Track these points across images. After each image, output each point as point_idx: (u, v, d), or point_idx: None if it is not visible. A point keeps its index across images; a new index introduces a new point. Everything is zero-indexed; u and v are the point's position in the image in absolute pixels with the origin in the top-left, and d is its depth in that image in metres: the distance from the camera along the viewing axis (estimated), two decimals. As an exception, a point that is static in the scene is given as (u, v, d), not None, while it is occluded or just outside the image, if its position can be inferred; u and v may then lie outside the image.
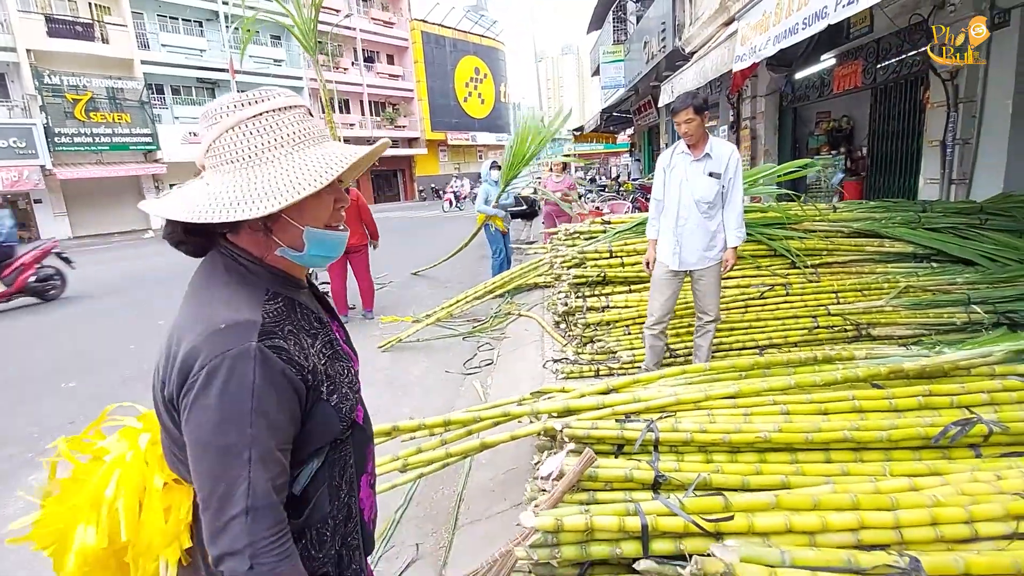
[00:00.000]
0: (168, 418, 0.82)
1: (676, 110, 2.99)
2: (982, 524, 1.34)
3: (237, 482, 0.75)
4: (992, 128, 4.84)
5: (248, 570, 0.75)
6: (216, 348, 0.76)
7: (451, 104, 38.29)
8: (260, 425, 0.76)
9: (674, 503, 1.38)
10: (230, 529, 0.75)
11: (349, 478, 0.95)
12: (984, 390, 1.91)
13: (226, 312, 0.80)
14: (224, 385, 0.75)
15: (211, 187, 0.82)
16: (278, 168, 0.82)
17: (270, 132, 0.83)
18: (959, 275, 3.56)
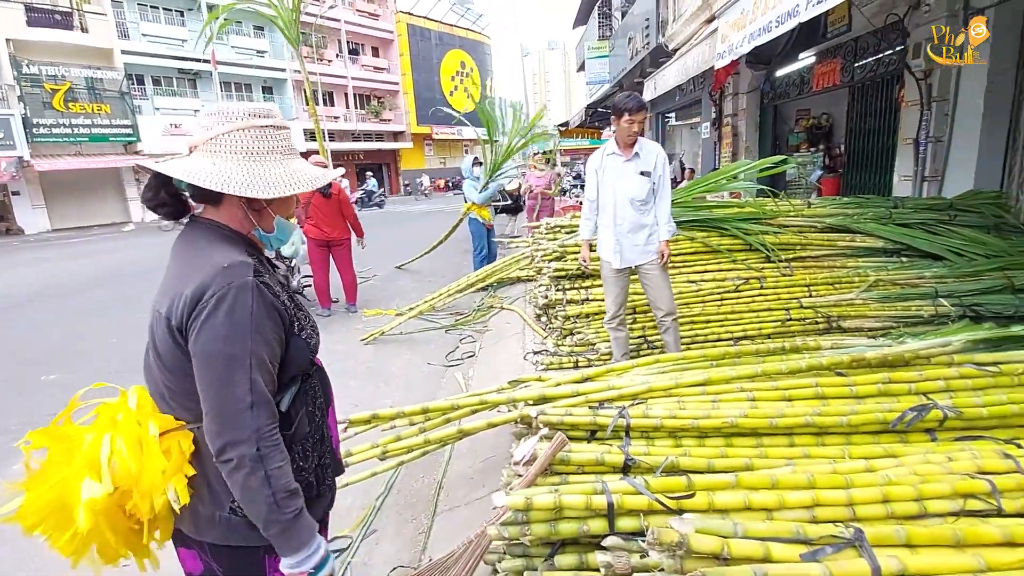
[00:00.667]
0: (172, 346, 0.99)
1: (635, 110, 3.03)
2: (931, 502, 1.41)
3: (242, 383, 0.96)
4: (964, 126, 4.97)
5: (255, 452, 0.95)
6: (223, 281, 0.96)
7: (437, 97, 38.07)
8: (257, 340, 0.98)
9: (640, 483, 1.43)
10: (239, 419, 0.95)
11: (320, 406, 1.18)
12: (941, 377, 1.99)
13: (226, 257, 1.00)
14: (230, 308, 0.95)
15: (218, 167, 1.01)
16: (278, 168, 1.07)
17: (271, 140, 1.07)
18: (927, 269, 3.67)
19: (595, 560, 1.40)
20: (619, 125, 3.08)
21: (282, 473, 0.98)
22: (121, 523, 1.03)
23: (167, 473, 0.99)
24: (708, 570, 1.01)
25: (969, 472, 1.50)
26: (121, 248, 14.03)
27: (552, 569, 1.54)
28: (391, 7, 34.96)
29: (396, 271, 8.30)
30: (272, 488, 0.96)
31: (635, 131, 3.07)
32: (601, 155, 3.25)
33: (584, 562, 1.52)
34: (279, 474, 0.98)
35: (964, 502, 1.41)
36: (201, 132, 1.04)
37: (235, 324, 0.95)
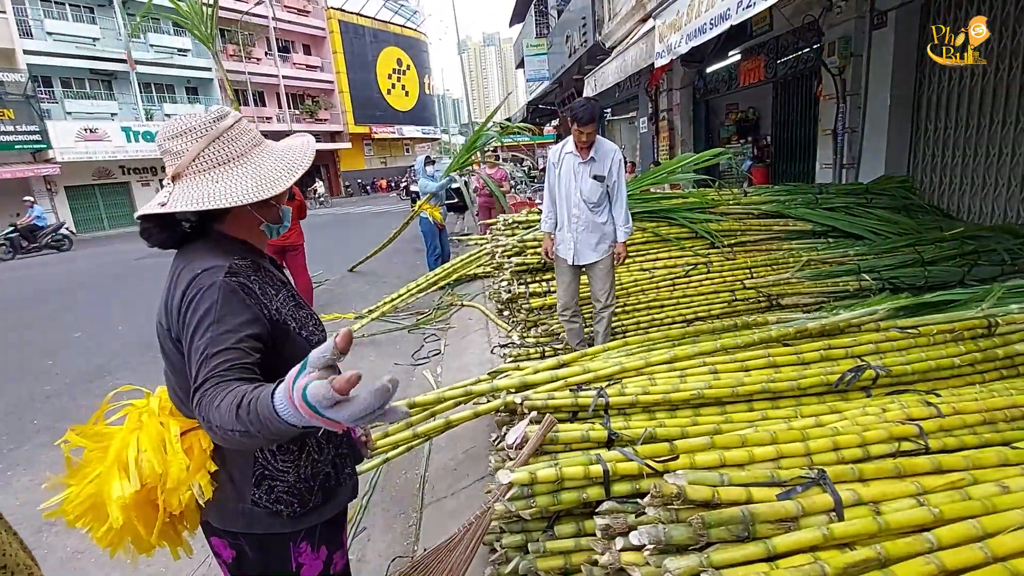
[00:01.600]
0: (174, 351, 1.04)
1: (584, 120, 3.05)
2: (872, 446, 1.63)
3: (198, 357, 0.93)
4: (874, 118, 5.50)
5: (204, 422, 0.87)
6: (196, 284, 0.99)
7: (374, 96, 37.31)
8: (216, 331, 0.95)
9: (629, 451, 1.58)
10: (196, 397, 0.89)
11: None
12: (871, 341, 2.28)
13: (203, 263, 1.03)
14: (196, 305, 0.98)
15: (224, 180, 1.04)
16: (268, 160, 1.09)
17: (244, 136, 1.09)
18: (851, 248, 4.07)
19: (593, 525, 1.54)
20: (573, 132, 3.16)
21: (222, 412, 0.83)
22: (152, 517, 1.08)
23: (191, 470, 1.04)
24: (705, 514, 1.17)
25: (900, 419, 1.76)
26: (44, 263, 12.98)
27: (552, 539, 1.67)
28: (321, 3, 33.91)
29: (349, 274, 8.19)
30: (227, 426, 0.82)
31: (584, 141, 3.13)
32: (560, 151, 3.31)
33: (582, 528, 1.66)
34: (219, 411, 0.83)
35: (899, 444, 1.65)
36: (176, 157, 1.04)
37: (200, 318, 0.96)
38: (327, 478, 1.18)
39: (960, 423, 1.75)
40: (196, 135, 1.04)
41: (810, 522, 1.21)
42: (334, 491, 1.21)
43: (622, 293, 3.84)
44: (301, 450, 1.13)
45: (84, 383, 4.50)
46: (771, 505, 1.21)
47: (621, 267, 4.04)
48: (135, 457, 1.03)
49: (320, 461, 1.17)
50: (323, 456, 1.18)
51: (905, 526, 1.17)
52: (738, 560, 1.12)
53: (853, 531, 1.16)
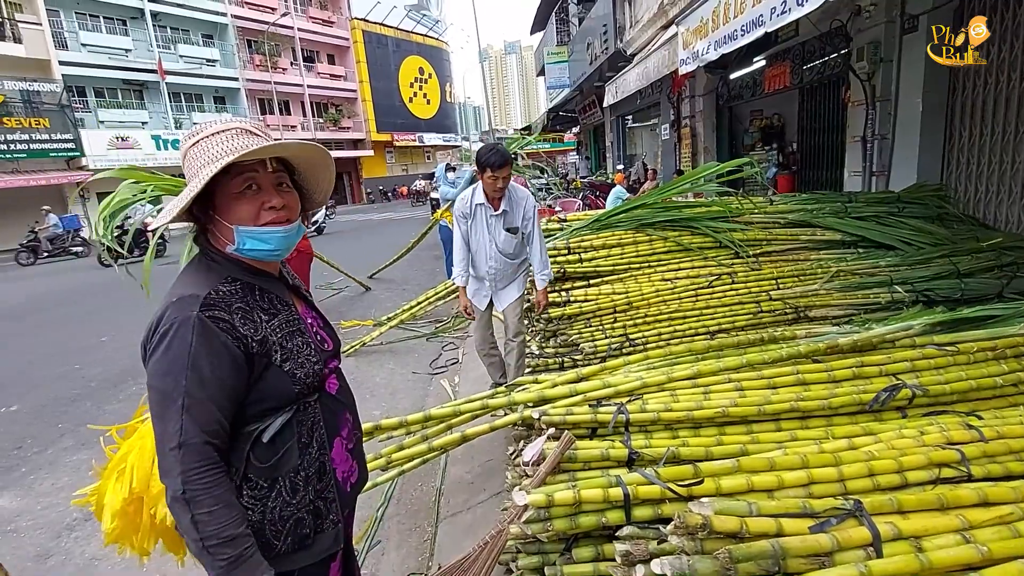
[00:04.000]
0: None
1: (497, 164, 2.87)
2: (910, 472, 1.54)
3: (172, 422, 0.93)
4: (905, 124, 5.33)
5: (181, 494, 0.92)
6: (170, 315, 0.95)
7: (396, 105, 37.80)
8: (192, 380, 0.93)
9: (651, 473, 1.52)
10: (168, 459, 0.93)
11: (320, 438, 1.11)
12: (907, 359, 2.17)
13: (182, 289, 0.99)
14: (168, 344, 0.94)
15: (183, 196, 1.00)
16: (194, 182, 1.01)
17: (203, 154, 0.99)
18: (882, 259, 3.92)
19: (612, 550, 1.48)
20: (483, 179, 2.95)
21: (211, 519, 0.92)
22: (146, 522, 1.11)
23: None
24: (733, 548, 1.10)
25: (940, 444, 1.66)
26: (75, 268, 13.37)
27: (570, 563, 1.61)
28: (345, 14, 34.55)
29: (369, 280, 8.24)
30: (200, 534, 0.92)
31: (499, 187, 2.94)
32: (470, 202, 3.11)
33: (600, 553, 1.60)
34: (207, 520, 0.92)
35: (939, 471, 1.56)
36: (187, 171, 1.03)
37: (171, 361, 0.93)
38: (299, 523, 1.06)
39: (1005, 448, 1.64)
40: (183, 149, 1.03)
41: (846, 557, 1.13)
42: (309, 539, 1.08)
43: (642, 304, 3.76)
44: (271, 488, 1.03)
45: (109, 387, 4.58)
46: (803, 539, 1.14)
47: (643, 277, 3.97)
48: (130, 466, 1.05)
49: (292, 504, 1.05)
50: (297, 499, 1.06)
51: (950, 565, 1.09)
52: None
53: (893, 569, 1.08)
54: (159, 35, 24.42)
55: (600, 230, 4.33)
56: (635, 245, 4.17)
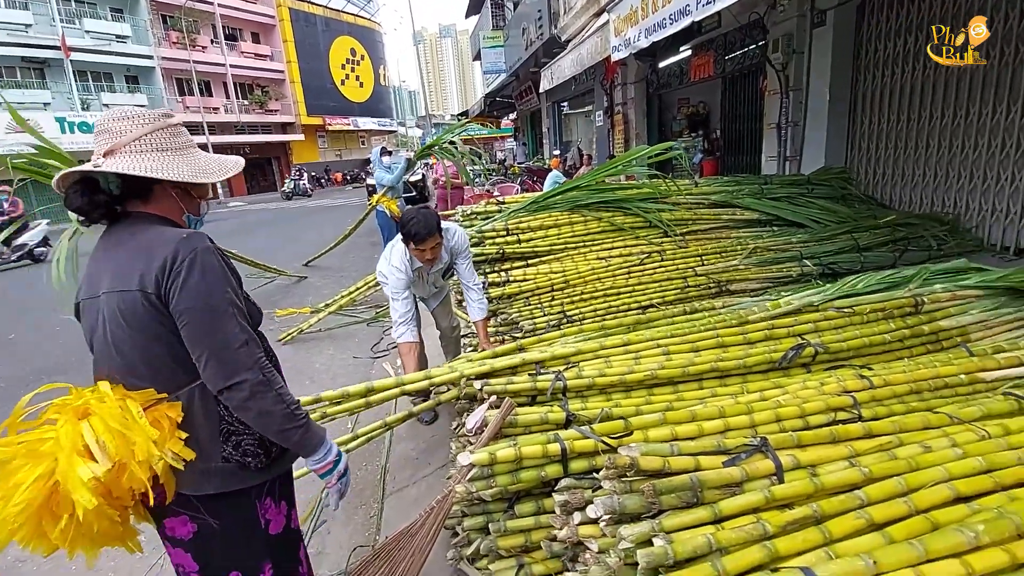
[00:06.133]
0: (150, 316, 1.09)
1: (423, 236, 2.55)
2: (811, 417, 1.74)
3: (232, 326, 1.11)
4: (815, 112, 5.77)
5: (262, 377, 1.12)
6: (188, 247, 1.09)
7: (327, 87, 36.30)
8: (231, 291, 1.14)
9: (586, 429, 1.63)
10: (240, 356, 1.10)
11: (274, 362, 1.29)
12: (811, 321, 2.41)
13: (175, 232, 1.14)
14: (202, 268, 1.09)
15: (160, 162, 1.15)
16: (200, 158, 1.23)
17: (182, 136, 1.22)
18: (793, 236, 4.27)
19: (552, 504, 1.59)
20: (409, 250, 2.68)
21: (285, 391, 1.16)
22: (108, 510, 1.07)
23: (160, 441, 1.07)
24: (656, 482, 1.22)
25: (837, 392, 1.87)
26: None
27: (513, 518, 1.70)
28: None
29: (304, 268, 7.98)
30: (285, 401, 1.15)
31: (428, 257, 2.67)
32: (407, 267, 2.74)
33: (541, 507, 1.70)
34: (285, 391, 1.16)
35: (835, 414, 1.76)
36: (116, 136, 1.13)
37: (210, 280, 1.09)
38: None
39: (890, 393, 1.88)
40: (141, 121, 1.15)
41: (753, 486, 1.28)
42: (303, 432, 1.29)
43: (578, 282, 3.91)
44: None
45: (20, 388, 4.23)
46: (718, 472, 1.28)
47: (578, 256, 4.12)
48: (96, 440, 1.02)
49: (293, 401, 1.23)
50: None
51: (839, 486, 1.26)
52: (687, 524, 1.18)
53: (792, 492, 1.23)
54: (62, 8, 22.14)
55: (537, 212, 4.44)
56: (571, 226, 4.31)
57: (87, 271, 1.18)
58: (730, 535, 1.11)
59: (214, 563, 1.23)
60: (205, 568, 1.23)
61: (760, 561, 1.06)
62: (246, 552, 1.24)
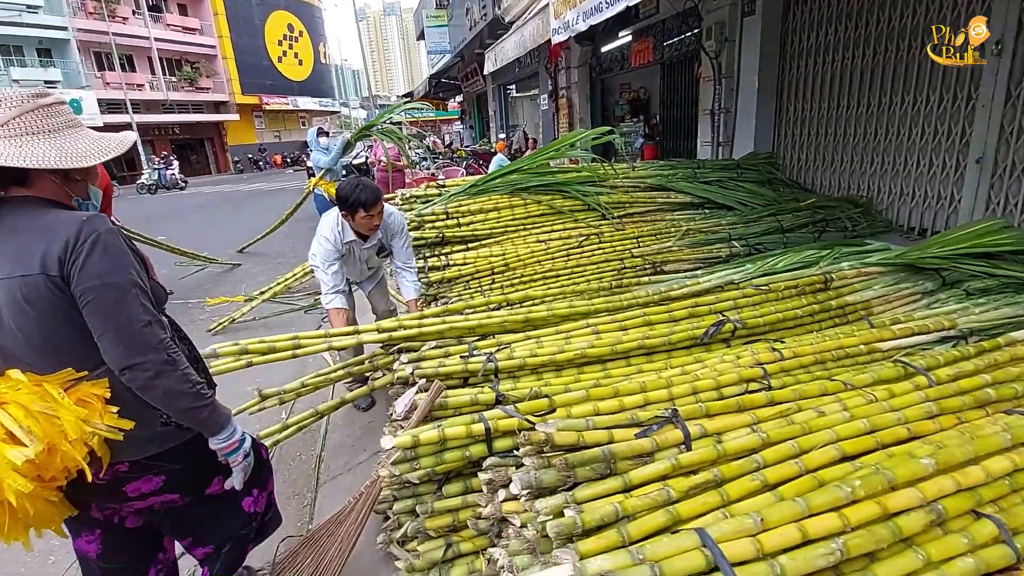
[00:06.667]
0: (53, 297, 1.09)
1: (373, 202, 2.62)
2: (725, 388, 1.83)
3: (135, 305, 1.13)
4: (745, 99, 5.99)
5: (164, 359, 1.15)
6: (89, 228, 1.10)
7: (264, 64, 34.50)
8: (135, 271, 1.16)
9: (510, 408, 1.66)
10: (143, 335, 1.13)
11: (186, 343, 1.39)
12: (731, 299, 2.53)
13: (77, 214, 1.15)
14: (105, 246, 1.10)
15: (25, 148, 1.10)
16: (80, 140, 1.18)
17: (61, 115, 1.18)
18: (723, 218, 4.45)
19: (480, 483, 1.61)
20: (356, 220, 2.68)
21: (189, 371, 1.21)
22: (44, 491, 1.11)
23: (90, 417, 1.10)
24: (569, 456, 1.26)
25: (750, 364, 1.98)
26: None
27: (441, 499, 1.72)
28: (196, -43, 30.56)
29: (238, 255, 7.64)
30: (191, 381, 1.20)
31: (376, 224, 2.72)
32: (339, 241, 2.76)
33: (469, 487, 1.72)
34: (190, 371, 1.21)
35: (747, 385, 1.86)
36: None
37: (113, 259, 1.11)
38: None
39: (797, 364, 2.01)
40: (9, 104, 1.11)
41: (663, 455, 1.34)
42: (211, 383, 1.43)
43: (518, 265, 3.93)
44: None
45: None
46: (629, 444, 1.33)
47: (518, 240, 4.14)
48: (19, 426, 1.03)
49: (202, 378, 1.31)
50: (199, 374, 1.30)
51: (740, 451, 1.33)
52: (599, 494, 1.22)
53: (697, 459, 1.30)
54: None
55: (478, 195, 4.42)
56: (511, 209, 4.32)
57: None
58: (636, 502, 1.16)
59: (193, 484, 1.38)
60: (187, 491, 1.36)
61: (663, 525, 1.12)
62: (216, 463, 1.36)
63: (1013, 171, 3.83)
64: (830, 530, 1.05)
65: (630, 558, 0.99)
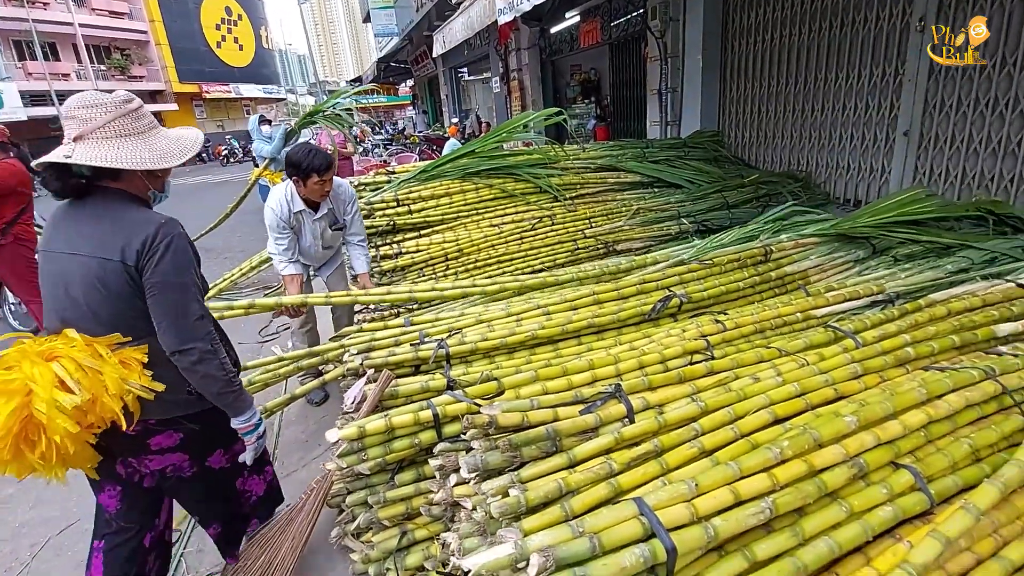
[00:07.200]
0: (123, 281, 1.30)
1: (326, 166, 2.63)
2: (670, 361, 1.89)
3: (193, 302, 1.37)
4: (690, 78, 6.08)
5: (208, 349, 1.38)
6: (167, 231, 1.32)
7: (201, 50, 32.73)
8: (196, 272, 1.40)
9: (459, 393, 1.65)
10: (196, 327, 1.36)
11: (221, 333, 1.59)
12: (677, 274, 2.59)
13: (155, 215, 1.37)
14: (176, 250, 1.33)
15: (125, 149, 1.31)
16: (161, 140, 1.40)
17: (145, 119, 1.38)
18: (672, 197, 4.54)
19: (430, 468, 1.60)
20: (308, 186, 2.66)
21: (227, 361, 1.45)
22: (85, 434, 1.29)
23: (129, 377, 1.30)
24: (513, 436, 1.27)
25: (694, 336, 2.04)
26: None
27: (393, 488, 1.71)
28: (119, -64, 28.52)
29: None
30: (225, 369, 1.43)
31: (328, 190, 2.72)
32: (287, 210, 2.74)
33: (422, 473, 1.72)
34: (227, 362, 1.44)
35: (691, 357, 1.92)
36: (83, 123, 1.28)
37: (182, 260, 1.34)
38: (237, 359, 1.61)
39: (738, 334, 2.08)
40: (105, 109, 1.30)
41: (607, 429, 1.37)
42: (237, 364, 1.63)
43: (472, 250, 3.91)
44: None
45: None
46: (574, 421, 1.35)
47: (471, 224, 4.11)
48: (69, 376, 1.21)
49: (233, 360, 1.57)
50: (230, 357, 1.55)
51: (680, 421, 1.38)
52: (543, 472, 1.24)
53: (639, 431, 1.33)
54: None
55: (428, 181, 4.35)
56: (463, 194, 4.28)
57: (55, 227, 1.37)
58: (579, 477, 1.18)
59: (202, 450, 1.58)
60: (194, 456, 1.56)
61: (606, 497, 1.14)
62: (224, 434, 1.58)
63: (936, 142, 4.04)
64: (760, 490, 1.10)
65: (570, 532, 1.01)
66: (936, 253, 2.78)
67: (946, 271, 2.50)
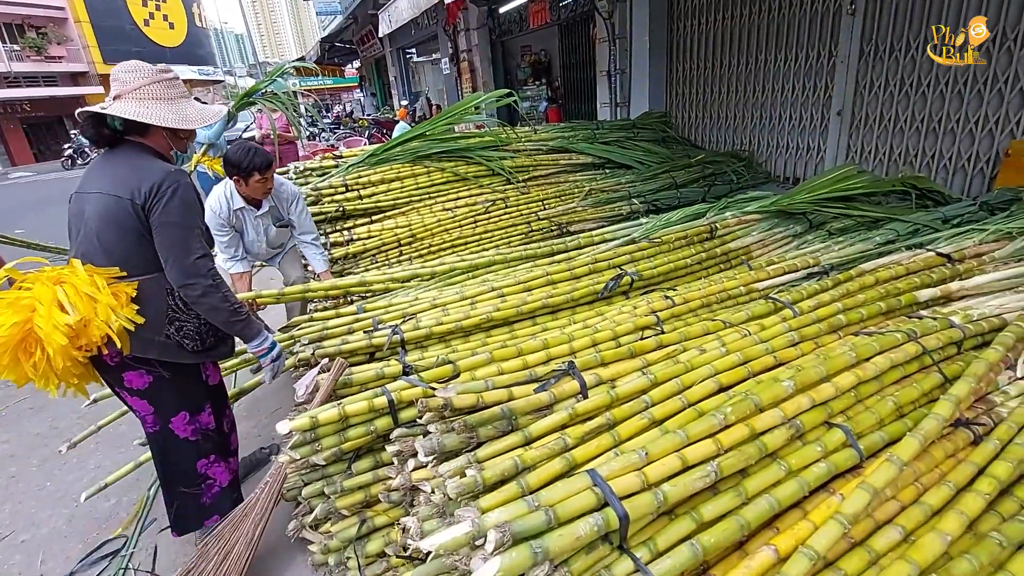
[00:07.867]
0: (132, 220, 1.48)
1: (267, 164, 2.61)
2: (623, 338, 1.93)
3: (194, 242, 1.52)
4: (638, 59, 6.15)
5: (210, 284, 1.53)
6: (174, 178, 1.50)
7: (127, 28, 30.50)
8: (199, 216, 1.59)
9: (414, 378, 1.64)
10: (197, 264, 1.51)
11: None
12: (628, 253, 2.64)
13: (167, 164, 1.56)
14: (183, 193, 1.51)
15: (151, 109, 1.51)
16: (188, 107, 1.60)
17: (178, 88, 1.60)
18: (623, 177, 4.61)
19: (388, 455, 1.59)
20: (250, 185, 2.62)
21: (231, 293, 1.60)
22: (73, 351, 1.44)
23: (117, 307, 1.45)
24: (467, 417, 1.28)
25: (645, 313, 2.10)
26: None
27: (350, 477, 1.69)
28: (24, -100, 26.00)
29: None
30: (229, 300, 1.58)
31: (270, 187, 2.69)
32: (226, 209, 2.70)
33: (379, 460, 1.71)
34: (229, 293, 1.59)
35: (642, 333, 1.98)
36: (123, 84, 1.51)
37: (185, 204, 1.51)
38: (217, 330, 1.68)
39: (687, 309, 2.15)
40: (143, 74, 1.53)
41: (561, 406, 1.40)
42: (224, 340, 1.76)
43: (426, 235, 3.86)
44: None
45: None
46: (528, 399, 1.37)
47: (424, 209, 4.06)
48: (67, 299, 1.39)
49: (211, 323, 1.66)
50: None
51: (630, 393, 1.42)
52: (500, 451, 1.26)
53: (592, 406, 1.37)
54: None
55: (377, 165, 4.25)
56: (414, 178, 4.20)
57: (88, 173, 1.57)
58: (535, 453, 1.20)
59: (166, 405, 1.67)
60: (159, 409, 1.66)
61: (560, 471, 1.17)
62: (191, 395, 1.71)
63: (866, 121, 4.26)
64: (706, 455, 1.15)
65: (527, 506, 1.03)
66: (866, 226, 2.95)
67: (875, 243, 2.65)
